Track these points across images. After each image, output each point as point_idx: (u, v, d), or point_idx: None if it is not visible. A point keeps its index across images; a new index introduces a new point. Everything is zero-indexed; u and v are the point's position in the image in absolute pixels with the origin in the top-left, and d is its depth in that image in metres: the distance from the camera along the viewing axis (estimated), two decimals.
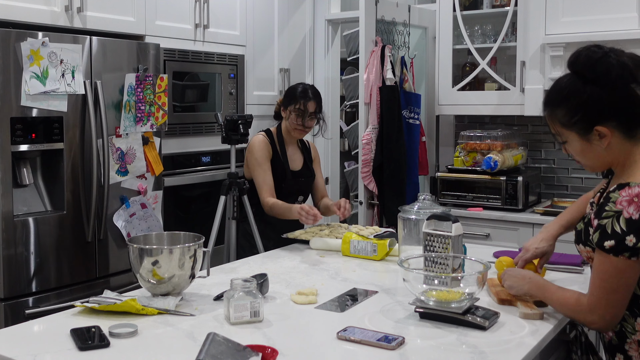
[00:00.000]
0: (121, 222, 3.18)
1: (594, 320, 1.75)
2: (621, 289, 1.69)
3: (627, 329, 1.76)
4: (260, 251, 3.03)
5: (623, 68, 1.71)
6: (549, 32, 3.85)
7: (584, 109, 1.74)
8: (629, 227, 1.63)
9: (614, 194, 1.69)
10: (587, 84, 1.73)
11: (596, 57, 1.73)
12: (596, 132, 1.74)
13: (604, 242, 1.67)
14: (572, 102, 1.75)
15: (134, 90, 3.18)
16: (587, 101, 1.73)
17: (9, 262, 2.76)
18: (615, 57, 1.73)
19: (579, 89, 1.75)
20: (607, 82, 1.71)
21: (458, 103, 4.29)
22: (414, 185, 4.21)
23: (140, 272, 2.03)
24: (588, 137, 1.76)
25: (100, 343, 1.69)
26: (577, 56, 1.78)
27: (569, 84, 1.78)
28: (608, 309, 1.71)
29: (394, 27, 4.26)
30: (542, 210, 3.87)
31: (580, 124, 1.75)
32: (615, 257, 1.66)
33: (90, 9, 3.16)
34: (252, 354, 1.56)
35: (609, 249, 1.66)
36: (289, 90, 3.32)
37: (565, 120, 1.77)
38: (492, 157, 3.97)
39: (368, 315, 1.94)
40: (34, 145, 2.83)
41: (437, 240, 2.06)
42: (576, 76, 1.77)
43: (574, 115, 1.75)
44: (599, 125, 1.73)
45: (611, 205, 1.67)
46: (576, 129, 1.77)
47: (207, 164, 3.87)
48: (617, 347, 1.79)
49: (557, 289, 1.87)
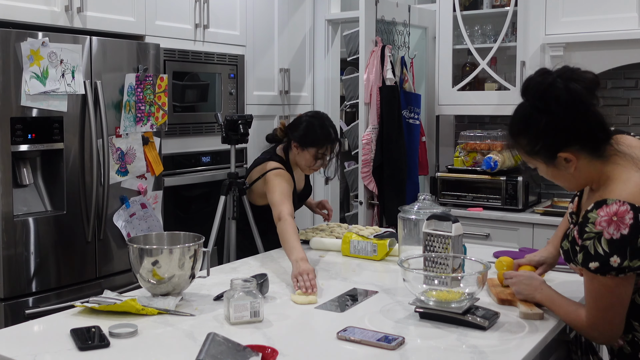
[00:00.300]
0: (121, 222, 3.18)
1: (595, 337, 1.77)
2: (615, 306, 1.68)
3: (639, 339, 1.75)
4: (260, 251, 3.03)
5: (571, 93, 1.67)
6: (549, 32, 3.85)
7: (543, 138, 1.72)
8: (611, 248, 1.62)
9: (592, 214, 1.65)
10: (541, 113, 1.71)
11: (544, 86, 1.71)
12: (561, 158, 1.72)
13: (589, 263, 1.66)
14: (531, 132, 1.74)
15: (134, 90, 3.18)
16: (545, 130, 1.71)
17: (9, 262, 2.76)
18: (562, 82, 1.69)
19: (535, 119, 1.72)
20: (559, 109, 1.69)
21: (458, 103, 4.29)
22: (414, 185, 4.21)
23: (140, 272, 2.03)
24: (554, 163, 1.74)
25: (100, 343, 1.69)
26: (527, 84, 1.76)
27: (525, 113, 1.76)
28: (605, 326, 1.71)
29: (394, 27, 4.26)
30: (542, 210, 3.87)
31: (543, 153, 1.74)
32: (602, 277, 1.65)
33: (90, 9, 3.16)
34: (252, 354, 1.56)
35: (594, 270, 1.65)
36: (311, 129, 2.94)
37: (528, 149, 1.77)
38: (492, 157, 3.97)
39: (368, 315, 1.94)
40: (34, 145, 2.83)
41: (437, 240, 2.06)
42: (531, 105, 1.74)
43: (536, 145, 1.74)
44: (562, 152, 1.71)
45: (591, 227, 1.65)
46: (541, 158, 1.76)
47: (207, 164, 3.87)
48: (630, 356, 1.78)
49: (564, 302, 1.86)
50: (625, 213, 1.61)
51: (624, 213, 1.61)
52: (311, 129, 2.94)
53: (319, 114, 3.07)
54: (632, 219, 1.60)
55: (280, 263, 2.61)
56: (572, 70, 1.73)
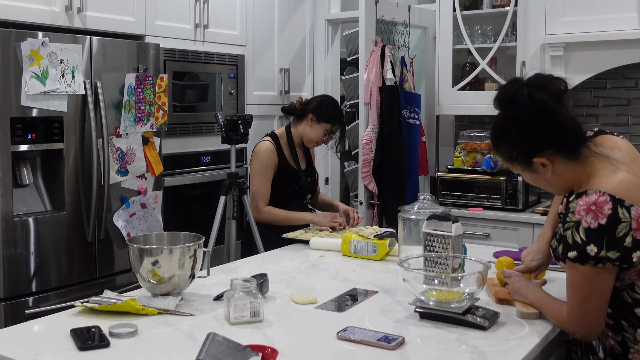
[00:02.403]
0: (121, 222, 3.18)
1: (575, 331, 1.76)
2: (592, 297, 1.68)
3: (628, 339, 1.76)
4: (260, 251, 3.03)
5: (534, 101, 1.72)
6: (549, 32, 3.85)
7: (517, 146, 1.77)
8: (588, 236, 1.63)
9: (573, 203, 1.68)
10: (513, 121, 1.76)
11: (509, 94, 1.76)
12: (537, 163, 1.77)
13: (568, 252, 1.67)
14: (506, 140, 1.79)
15: (134, 90, 3.18)
16: (516, 138, 1.76)
17: (9, 262, 2.76)
18: (527, 90, 1.73)
19: (507, 127, 1.78)
20: (525, 117, 1.73)
21: (458, 103, 4.29)
22: (414, 185, 4.21)
23: (140, 272, 2.03)
24: (531, 168, 1.79)
25: (100, 343, 1.69)
26: (498, 94, 1.81)
27: (500, 122, 1.81)
28: (584, 319, 1.71)
29: (394, 27, 4.26)
30: (542, 210, 3.87)
31: (520, 159, 1.79)
32: (582, 266, 1.66)
33: (90, 9, 3.16)
34: (252, 354, 1.56)
35: (573, 259, 1.67)
36: (331, 105, 3.28)
37: (506, 156, 1.82)
38: (492, 157, 3.97)
39: (368, 315, 1.94)
40: (34, 145, 2.83)
41: (437, 240, 2.06)
42: (503, 114, 1.80)
43: (512, 152, 1.79)
44: (536, 157, 1.76)
45: (570, 216, 1.67)
46: (518, 164, 1.81)
47: (207, 164, 3.87)
48: (620, 356, 1.78)
49: (550, 301, 1.87)
50: (604, 203, 1.63)
51: (603, 203, 1.63)
52: (326, 105, 3.25)
53: (331, 96, 3.43)
54: (610, 209, 1.62)
55: (280, 263, 2.61)
56: (543, 78, 1.77)
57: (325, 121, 3.21)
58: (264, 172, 3.14)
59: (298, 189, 3.23)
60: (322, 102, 3.26)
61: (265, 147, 3.18)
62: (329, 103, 3.26)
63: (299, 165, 3.26)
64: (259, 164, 3.15)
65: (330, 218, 3.09)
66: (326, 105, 3.24)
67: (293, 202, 3.22)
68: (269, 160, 3.16)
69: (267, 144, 3.20)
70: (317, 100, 3.27)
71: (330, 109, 3.24)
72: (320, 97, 3.34)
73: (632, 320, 1.74)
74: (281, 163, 3.19)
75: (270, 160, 3.16)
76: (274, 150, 3.19)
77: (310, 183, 3.32)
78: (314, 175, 3.38)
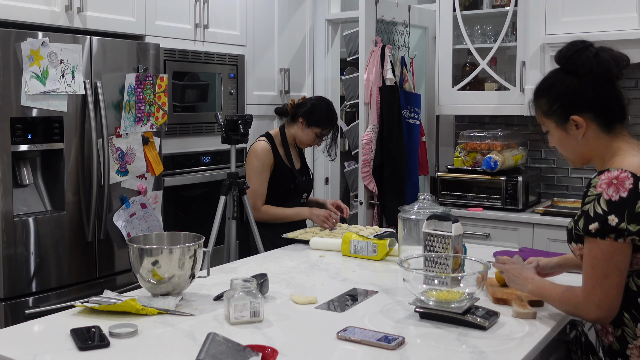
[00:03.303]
0: (121, 222, 3.18)
1: (591, 311, 1.73)
2: (613, 274, 1.69)
3: (628, 334, 1.75)
4: (260, 251, 3.03)
5: (600, 62, 1.77)
6: (549, 32, 3.85)
7: (561, 99, 1.82)
8: (609, 207, 1.67)
9: (595, 179, 1.73)
10: (567, 75, 1.82)
11: (575, 49, 1.82)
12: (572, 121, 1.80)
13: (589, 225, 1.69)
14: (552, 92, 1.84)
15: (134, 90, 3.18)
16: (565, 91, 1.81)
17: (9, 262, 2.76)
18: (594, 50, 1.79)
19: (559, 80, 1.84)
20: (584, 74, 1.78)
21: (458, 103, 4.29)
22: (414, 185, 4.21)
23: (140, 272, 2.03)
24: (565, 126, 1.82)
25: (100, 343, 1.69)
26: (560, 49, 1.87)
27: (552, 75, 1.88)
28: (603, 297, 1.70)
29: (394, 27, 4.26)
30: (542, 210, 3.87)
31: (558, 113, 1.83)
32: (602, 241, 1.68)
33: (90, 9, 3.16)
34: (252, 354, 1.56)
35: (594, 232, 1.68)
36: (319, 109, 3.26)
37: (545, 109, 1.86)
38: (492, 157, 3.97)
39: (368, 315, 1.94)
40: (34, 145, 2.83)
41: (437, 240, 2.06)
42: (559, 68, 1.86)
43: (553, 105, 1.83)
44: (575, 114, 1.79)
45: (592, 190, 1.71)
46: (554, 118, 1.84)
47: (207, 164, 3.87)
48: (618, 352, 1.78)
49: (558, 287, 1.86)
50: (626, 179, 1.68)
51: (625, 178, 1.68)
52: (318, 110, 3.25)
53: (325, 98, 3.39)
54: (632, 184, 1.67)
55: (280, 263, 2.61)
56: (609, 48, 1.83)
57: (316, 126, 3.24)
58: (260, 172, 3.18)
59: (294, 188, 3.24)
60: (314, 106, 3.26)
61: (261, 147, 3.22)
62: (321, 107, 3.26)
63: (294, 165, 3.28)
64: (256, 164, 3.19)
65: (323, 218, 3.10)
66: (318, 109, 3.24)
67: (290, 202, 3.24)
68: (265, 160, 3.19)
69: (262, 143, 3.23)
70: (310, 104, 3.27)
71: (321, 113, 3.24)
72: (314, 99, 3.34)
73: (634, 313, 1.74)
74: (277, 163, 3.22)
75: (266, 160, 3.20)
76: (270, 150, 3.22)
77: (306, 182, 3.34)
78: (309, 174, 3.41)
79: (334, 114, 3.29)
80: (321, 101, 3.31)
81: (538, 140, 4.36)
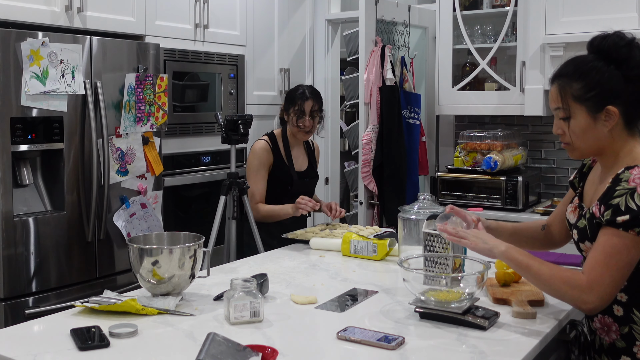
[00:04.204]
0: (121, 222, 3.18)
1: (590, 300, 1.69)
2: (624, 267, 1.67)
3: (636, 331, 1.75)
4: (260, 251, 3.03)
5: None
6: (549, 32, 3.85)
7: (601, 86, 1.76)
8: None
9: (625, 174, 1.70)
10: (611, 64, 1.76)
11: (623, 42, 1.77)
12: (606, 111, 1.76)
13: (617, 217, 1.66)
14: (592, 78, 1.77)
15: (134, 90, 3.18)
16: (607, 80, 1.76)
17: (9, 262, 2.76)
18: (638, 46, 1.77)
19: (601, 67, 1.77)
20: (632, 67, 1.75)
21: (458, 103, 4.29)
22: (414, 185, 4.21)
23: (140, 272, 2.03)
24: (596, 115, 1.77)
25: (100, 343, 1.69)
26: (603, 38, 1.80)
27: (591, 60, 1.79)
28: (608, 288, 1.68)
29: (394, 27, 4.26)
30: (542, 210, 3.87)
31: (593, 100, 1.77)
32: (624, 232, 1.65)
33: (90, 9, 3.16)
34: (252, 354, 1.56)
35: (620, 223, 1.65)
36: (288, 93, 3.37)
37: (579, 94, 1.78)
38: (492, 157, 3.97)
39: (368, 315, 1.94)
40: (34, 145, 2.83)
41: (437, 240, 2.06)
42: (597, 55, 1.79)
43: (590, 91, 1.77)
44: (612, 105, 1.76)
45: (624, 184, 1.68)
46: (587, 105, 1.78)
47: (207, 164, 3.87)
48: (623, 350, 1.77)
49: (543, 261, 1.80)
50: None
51: None
52: (290, 92, 3.36)
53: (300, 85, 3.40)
54: None
55: (280, 263, 2.61)
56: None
57: (290, 105, 3.28)
58: (257, 170, 3.21)
59: (290, 189, 3.24)
60: (287, 93, 3.38)
61: (260, 146, 3.24)
62: (289, 91, 3.37)
63: (293, 165, 3.27)
64: (253, 162, 3.22)
65: (295, 205, 3.08)
66: (290, 91, 3.35)
67: (287, 202, 3.21)
68: (263, 158, 3.21)
69: (262, 142, 3.25)
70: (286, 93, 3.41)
71: (291, 93, 3.32)
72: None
73: None
74: (276, 162, 3.23)
75: (263, 158, 3.21)
76: (269, 149, 3.22)
77: (305, 184, 3.31)
78: (314, 176, 3.39)
79: (304, 88, 3.30)
80: (296, 86, 3.39)
81: (538, 140, 4.36)
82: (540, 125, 4.32)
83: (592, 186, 1.90)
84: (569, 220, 1.95)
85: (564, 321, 1.94)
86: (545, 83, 3.86)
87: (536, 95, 3.91)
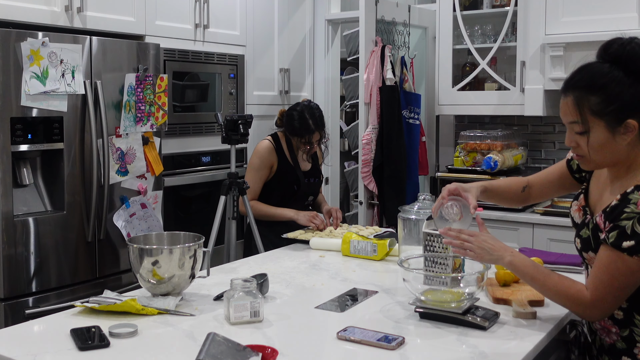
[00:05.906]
0: (121, 222, 3.18)
1: (593, 315, 1.73)
2: (627, 287, 1.67)
3: (636, 334, 1.74)
4: (261, 251, 3.03)
5: None
6: (549, 32, 3.85)
7: (621, 100, 1.66)
8: None
9: (634, 195, 1.64)
10: (630, 76, 1.66)
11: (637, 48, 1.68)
12: (625, 125, 1.67)
13: (622, 242, 1.63)
14: (611, 91, 1.66)
15: (134, 90, 3.18)
16: (628, 93, 1.66)
17: (9, 262, 2.76)
18: None
19: (621, 79, 1.66)
20: None
21: (458, 103, 4.29)
22: (414, 185, 4.21)
23: (140, 272, 2.03)
24: (615, 129, 1.69)
25: (100, 343, 1.69)
26: (621, 45, 1.70)
27: (608, 72, 1.68)
28: (611, 305, 1.70)
29: (394, 27, 4.26)
30: (542, 210, 3.86)
31: (613, 114, 1.67)
32: (629, 257, 1.63)
33: (90, 9, 3.16)
34: (252, 354, 1.56)
35: (625, 249, 1.63)
36: (290, 119, 3.22)
37: (598, 108, 1.68)
38: (492, 157, 3.97)
39: (368, 315, 1.94)
40: (34, 145, 2.83)
41: (437, 240, 2.05)
42: (615, 66, 1.69)
43: (610, 105, 1.66)
44: (632, 119, 1.67)
45: (632, 207, 1.63)
46: (606, 119, 1.68)
47: (207, 164, 3.87)
48: (623, 351, 1.77)
49: (551, 271, 1.80)
50: None
51: None
52: (291, 121, 3.22)
53: (301, 105, 3.26)
54: None
55: (280, 263, 2.61)
56: None
57: (293, 135, 3.24)
58: (256, 169, 3.21)
59: (297, 189, 3.24)
60: (289, 117, 3.22)
61: (264, 146, 3.24)
62: (295, 118, 3.19)
63: (298, 166, 3.27)
64: (255, 161, 3.23)
65: (310, 217, 3.07)
66: (292, 120, 3.20)
67: (293, 203, 3.23)
68: (265, 158, 3.21)
69: (266, 142, 3.25)
70: (286, 115, 3.25)
71: (296, 123, 3.18)
72: (289, 110, 3.27)
73: None
74: (280, 163, 3.22)
75: (265, 158, 3.21)
76: (273, 150, 3.22)
77: (311, 184, 3.32)
78: (319, 176, 3.39)
79: (309, 120, 3.17)
80: (296, 111, 3.22)
81: (538, 140, 4.36)
82: (540, 125, 4.32)
83: (597, 186, 1.87)
84: (574, 219, 1.93)
85: (564, 321, 1.94)
86: (546, 83, 3.86)
87: (536, 95, 3.91)
